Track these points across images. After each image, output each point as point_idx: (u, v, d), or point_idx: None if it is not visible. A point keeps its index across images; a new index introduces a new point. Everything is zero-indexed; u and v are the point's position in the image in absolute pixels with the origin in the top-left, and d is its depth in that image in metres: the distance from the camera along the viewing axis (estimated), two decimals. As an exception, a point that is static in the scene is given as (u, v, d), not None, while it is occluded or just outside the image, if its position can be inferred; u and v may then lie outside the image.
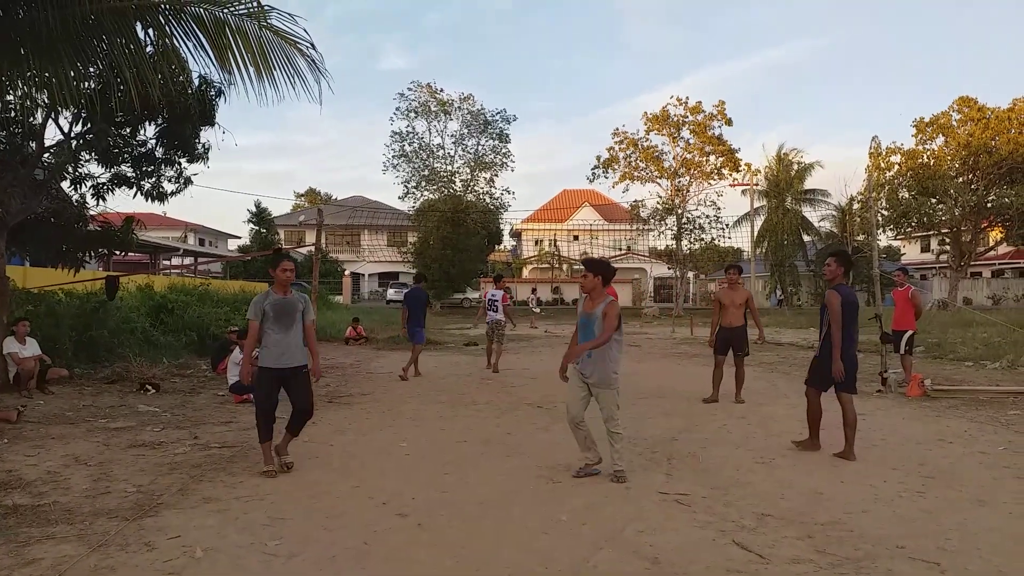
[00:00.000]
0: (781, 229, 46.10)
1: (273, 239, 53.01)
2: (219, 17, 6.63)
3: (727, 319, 9.86)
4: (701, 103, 41.48)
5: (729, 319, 9.84)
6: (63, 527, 4.62)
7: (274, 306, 6.07)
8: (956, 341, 16.80)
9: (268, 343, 6.06)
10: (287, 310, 6.11)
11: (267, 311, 6.07)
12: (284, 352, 6.04)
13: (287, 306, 6.12)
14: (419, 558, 4.20)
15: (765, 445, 7.18)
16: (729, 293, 9.90)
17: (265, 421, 6.10)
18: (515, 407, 9.59)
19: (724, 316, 9.88)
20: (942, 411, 9.10)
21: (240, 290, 23.42)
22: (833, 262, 7.01)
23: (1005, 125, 34.93)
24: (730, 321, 9.83)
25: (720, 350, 9.92)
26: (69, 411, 8.79)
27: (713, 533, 4.61)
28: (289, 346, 6.06)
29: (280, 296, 6.14)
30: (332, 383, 12.07)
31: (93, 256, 13.53)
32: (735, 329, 9.86)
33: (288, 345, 6.05)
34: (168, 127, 12.38)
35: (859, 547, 4.34)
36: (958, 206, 36.03)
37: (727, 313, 9.85)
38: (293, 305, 6.15)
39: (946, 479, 5.90)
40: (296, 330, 6.12)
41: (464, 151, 43.61)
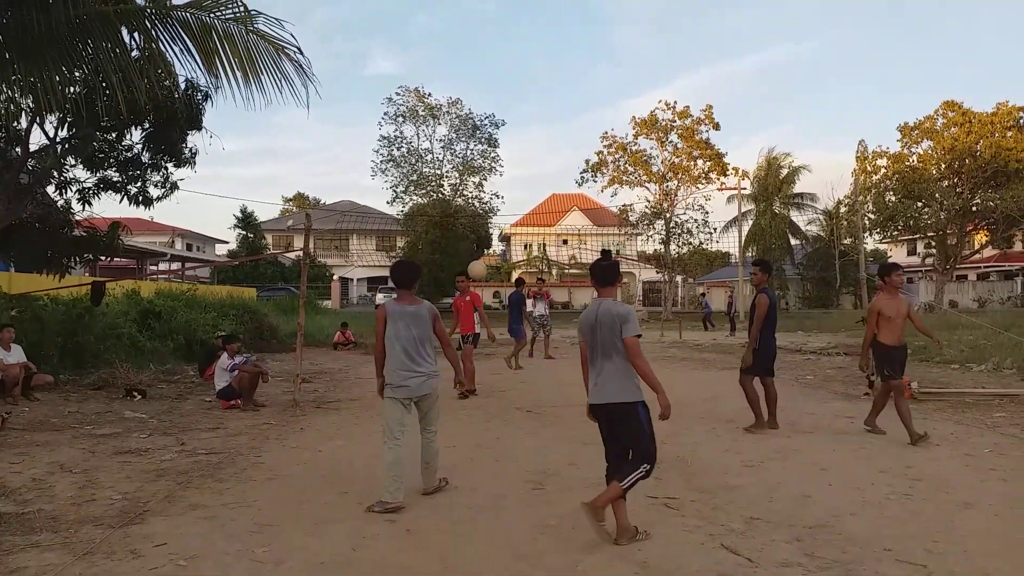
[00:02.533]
0: (769, 233, 46.37)
1: (260, 244, 52.84)
2: (206, 22, 6.62)
3: (892, 334, 7.76)
4: (689, 108, 41.73)
5: (896, 334, 7.78)
6: (48, 535, 4.57)
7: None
8: (943, 343, 16.89)
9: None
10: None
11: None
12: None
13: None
14: (408, 564, 4.18)
15: (753, 448, 7.20)
16: (892, 301, 7.86)
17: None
18: (504, 412, 9.59)
19: (888, 330, 7.76)
20: (929, 414, 9.16)
21: (228, 295, 23.31)
22: (758, 271, 8.59)
23: (989, 129, 35.27)
24: (898, 338, 7.80)
25: (900, 369, 7.83)
26: (54, 418, 8.71)
27: (702, 537, 4.61)
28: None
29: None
30: (320, 388, 12.03)
31: (79, 261, 13.43)
32: (904, 348, 7.96)
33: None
34: (155, 131, 12.34)
35: (847, 550, 4.35)
36: (943, 209, 36.34)
37: (892, 327, 7.76)
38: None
39: (933, 482, 5.93)
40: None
41: (453, 155, 43.68)
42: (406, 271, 5.68)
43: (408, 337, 5.40)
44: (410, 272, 5.69)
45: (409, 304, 5.53)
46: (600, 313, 4.62)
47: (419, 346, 5.44)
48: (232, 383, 9.69)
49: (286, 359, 15.99)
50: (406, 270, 5.69)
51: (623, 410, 4.56)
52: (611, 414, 4.61)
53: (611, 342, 4.55)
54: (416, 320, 5.47)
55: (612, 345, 4.55)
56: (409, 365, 5.38)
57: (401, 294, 5.62)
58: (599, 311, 4.63)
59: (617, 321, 4.53)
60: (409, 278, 5.64)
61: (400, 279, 5.64)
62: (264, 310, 21.90)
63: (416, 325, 5.45)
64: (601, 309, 4.63)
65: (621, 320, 4.53)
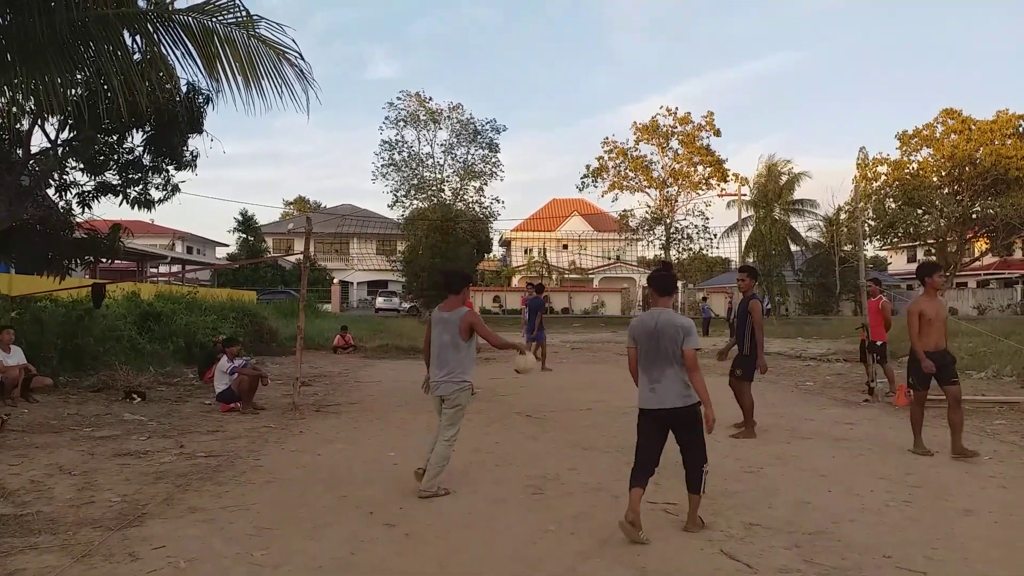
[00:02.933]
0: (769, 239, 46.39)
1: (261, 247, 52.85)
2: (207, 26, 6.63)
3: (930, 338, 7.26)
4: (690, 114, 41.92)
5: (934, 338, 7.26)
6: (46, 537, 4.57)
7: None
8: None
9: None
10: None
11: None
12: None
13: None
14: (406, 568, 4.18)
15: (753, 454, 7.19)
16: (932, 303, 7.36)
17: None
18: (504, 416, 9.58)
19: (925, 334, 7.27)
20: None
21: (228, 298, 23.31)
22: (746, 276, 8.72)
23: (988, 137, 35.37)
24: (937, 342, 7.26)
25: (926, 380, 7.32)
26: (54, 420, 8.70)
27: (701, 542, 4.61)
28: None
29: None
30: (320, 392, 12.02)
31: (79, 264, 13.43)
32: (945, 353, 7.35)
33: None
34: (156, 134, 12.35)
35: (846, 556, 4.35)
36: (943, 217, 36.43)
37: (930, 330, 7.26)
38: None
39: (933, 488, 5.93)
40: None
41: (453, 160, 43.67)
42: (451, 277, 6.03)
43: (438, 341, 5.79)
44: (455, 279, 5.99)
45: (447, 310, 5.83)
46: (661, 322, 4.82)
47: (444, 350, 5.74)
48: (232, 386, 9.69)
49: (286, 362, 15.99)
50: (451, 277, 6.05)
51: (690, 413, 4.79)
52: (675, 418, 4.81)
53: (672, 351, 4.75)
54: (446, 325, 5.77)
55: (674, 354, 4.76)
56: (435, 367, 5.81)
57: (449, 299, 5.91)
58: (659, 320, 4.83)
59: (680, 332, 4.76)
60: (455, 284, 5.93)
61: (448, 284, 5.99)
62: (264, 313, 21.89)
63: (446, 330, 5.75)
64: (662, 319, 4.84)
65: (684, 332, 4.76)
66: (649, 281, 5.19)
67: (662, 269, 5.31)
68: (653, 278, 5.14)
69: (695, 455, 4.84)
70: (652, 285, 5.12)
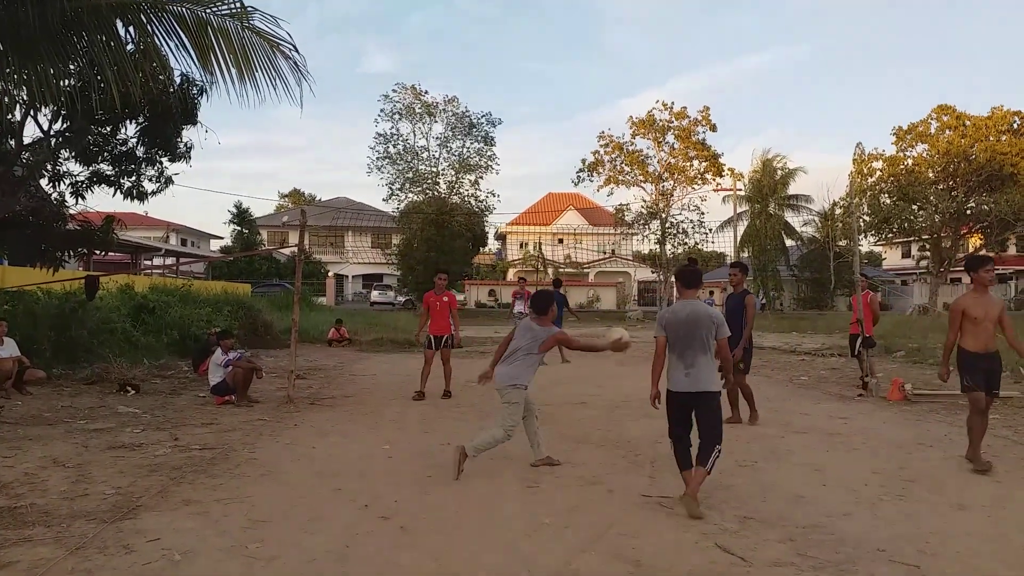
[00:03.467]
0: (764, 234, 46.41)
1: (255, 240, 52.72)
2: (201, 17, 6.60)
3: (978, 339, 6.40)
4: (686, 108, 41.66)
5: (982, 340, 6.39)
6: (40, 529, 4.55)
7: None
8: (936, 346, 16.94)
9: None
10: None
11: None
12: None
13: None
14: (401, 561, 4.17)
15: (747, 448, 7.20)
16: (981, 301, 6.46)
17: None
18: (499, 410, 9.55)
19: (972, 336, 6.42)
20: (922, 415, 9.19)
21: (222, 291, 23.25)
22: (737, 271, 8.96)
23: (983, 133, 35.38)
24: (985, 344, 6.39)
25: (982, 383, 6.39)
26: (47, 412, 8.68)
27: (695, 536, 4.62)
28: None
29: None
30: (315, 385, 12.00)
31: (73, 255, 13.37)
32: (994, 357, 6.49)
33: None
34: (149, 126, 12.28)
35: (840, 550, 4.36)
36: (938, 212, 36.46)
37: (978, 330, 6.39)
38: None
39: (926, 483, 5.95)
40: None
41: (449, 153, 43.55)
42: (541, 299, 6.48)
43: (517, 343, 6.22)
44: (544, 300, 6.44)
45: (537, 323, 6.27)
46: (695, 313, 5.30)
47: (517, 352, 6.16)
48: (226, 379, 9.67)
49: (280, 355, 15.97)
50: (541, 298, 6.49)
51: (714, 397, 5.30)
52: (702, 400, 5.27)
53: (706, 339, 5.25)
54: (534, 335, 6.19)
55: (706, 341, 5.25)
56: (503, 362, 6.26)
57: (540, 319, 6.31)
58: (693, 311, 5.31)
59: (714, 322, 5.29)
60: (545, 305, 6.37)
61: (535, 306, 6.43)
62: (259, 306, 21.83)
63: (523, 337, 6.20)
64: (695, 309, 5.33)
65: (718, 322, 5.32)
66: (677, 275, 5.68)
67: (689, 265, 6.05)
68: (681, 272, 5.67)
69: (712, 434, 5.22)
70: (680, 279, 5.60)
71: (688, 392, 5.27)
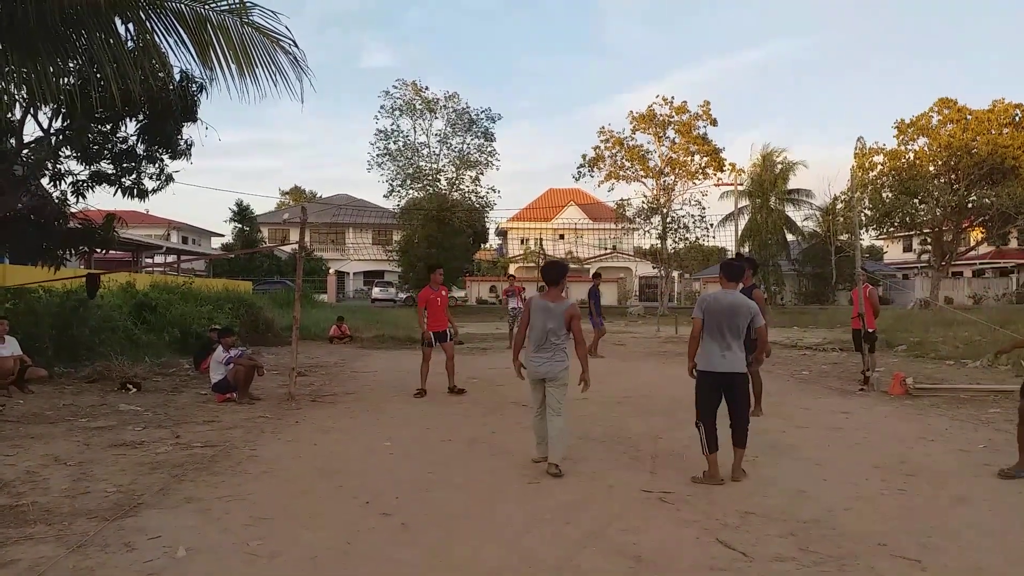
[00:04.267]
0: (765, 229, 46.37)
1: (256, 237, 52.71)
2: (200, 13, 6.59)
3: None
4: (686, 103, 41.63)
5: None
6: (41, 527, 4.56)
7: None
8: (937, 340, 16.97)
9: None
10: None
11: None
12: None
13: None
14: (402, 558, 4.18)
15: (749, 443, 7.17)
16: None
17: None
18: (500, 406, 9.58)
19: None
20: (923, 409, 9.18)
21: (223, 288, 23.25)
22: (747, 268, 8.70)
23: (985, 126, 35.30)
24: None
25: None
26: (49, 410, 8.69)
27: (696, 531, 4.62)
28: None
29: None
30: (316, 382, 12.01)
31: (74, 254, 13.39)
32: None
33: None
34: (149, 123, 12.28)
35: (841, 545, 4.36)
36: (939, 206, 36.39)
37: None
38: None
39: (927, 477, 5.94)
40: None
41: (449, 149, 43.51)
42: (552, 270, 6.43)
43: (539, 327, 6.15)
44: (555, 271, 6.38)
45: (550, 300, 6.20)
46: (734, 302, 5.80)
47: (546, 336, 6.12)
48: (228, 376, 9.68)
49: (282, 352, 15.98)
50: (553, 269, 6.44)
51: (745, 380, 5.90)
52: (733, 381, 5.79)
53: (743, 327, 5.77)
54: (544, 312, 6.15)
55: (742, 328, 5.77)
56: (537, 351, 6.18)
57: (549, 290, 6.29)
58: (732, 300, 5.83)
59: (752, 311, 5.84)
60: (556, 276, 6.33)
61: (548, 277, 6.36)
62: (260, 303, 21.84)
63: (542, 317, 6.15)
64: (735, 299, 5.84)
65: (754, 311, 5.86)
66: (722, 268, 6.21)
67: (734, 259, 6.53)
68: (726, 265, 6.21)
69: (743, 413, 5.85)
70: (724, 272, 6.12)
71: (724, 372, 5.74)
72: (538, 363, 6.14)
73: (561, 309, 6.12)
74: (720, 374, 5.76)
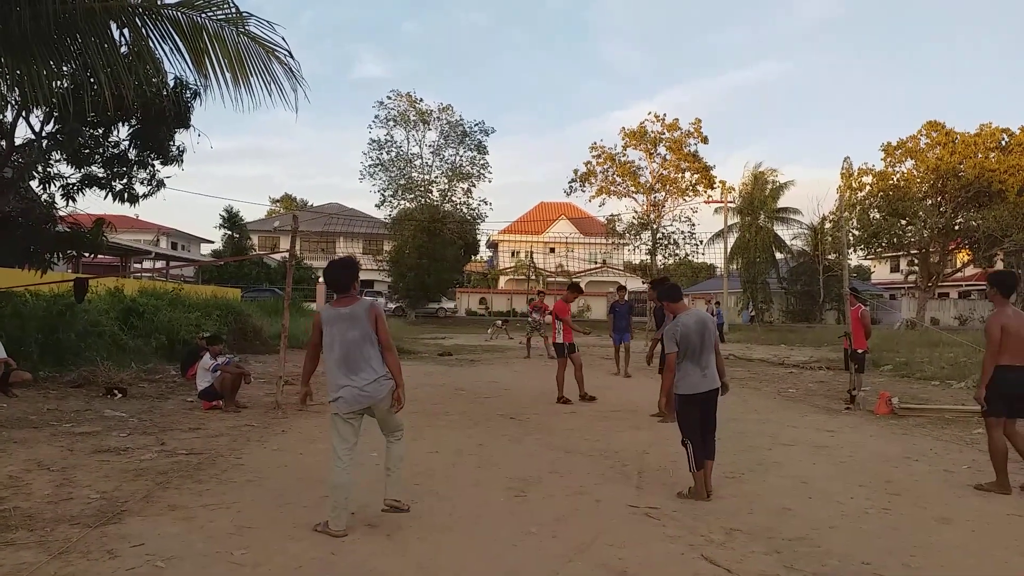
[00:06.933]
0: (754, 246, 46.60)
1: (246, 244, 52.53)
2: (196, 21, 6.60)
3: (1019, 354, 6.23)
4: (678, 120, 42.00)
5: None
6: (23, 533, 4.52)
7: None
8: (923, 360, 17.06)
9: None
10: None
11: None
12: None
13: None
14: (386, 570, 4.16)
15: (734, 460, 7.21)
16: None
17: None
18: (488, 418, 9.57)
19: (1013, 351, 6.26)
20: (909, 429, 9.23)
21: (212, 295, 23.14)
22: (653, 291, 9.41)
23: (972, 150, 35.73)
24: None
25: (1005, 406, 6.32)
26: (33, 415, 8.62)
27: (682, 547, 4.62)
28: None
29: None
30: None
31: (62, 258, 13.29)
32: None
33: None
34: (142, 128, 12.25)
35: (826, 563, 4.38)
36: (927, 228, 36.75)
37: (1016, 345, 6.23)
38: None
39: (912, 497, 5.97)
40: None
41: (442, 161, 43.63)
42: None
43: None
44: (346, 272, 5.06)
45: (344, 306, 4.92)
46: (700, 318, 5.95)
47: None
48: (214, 384, 9.63)
49: (269, 361, 15.90)
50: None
51: (718, 392, 5.96)
52: (712, 396, 5.91)
53: (711, 339, 5.90)
54: (353, 321, 4.87)
55: (711, 341, 5.90)
56: (345, 374, 4.87)
57: (339, 297, 5.03)
58: (698, 317, 5.97)
59: (715, 327, 6.07)
60: (346, 279, 5.02)
61: (334, 281, 5.05)
62: (248, 311, 21.73)
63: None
64: (699, 315, 6.01)
65: (715, 326, 6.08)
66: (665, 294, 6.35)
67: (665, 280, 6.88)
68: (669, 290, 6.38)
69: (714, 426, 5.96)
70: (669, 296, 6.28)
71: (707, 391, 5.85)
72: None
73: (361, 310, 4.90)
74: (704, 393, 5.85)
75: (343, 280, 4.99)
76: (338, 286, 5.01)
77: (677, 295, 6.33)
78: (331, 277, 5.02)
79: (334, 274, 5.02)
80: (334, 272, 5.02)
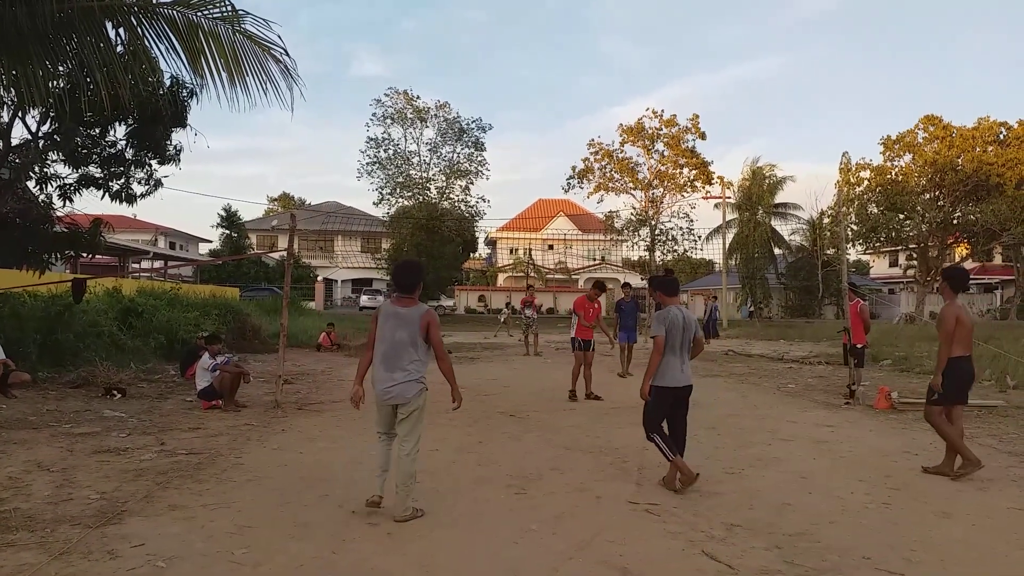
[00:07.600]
0: (752, 242, 46.60)
1: (244, 244, 52.50)
2: (192, 20, 6.57)
3: (968, 345, 6.59)
4: (676, 116, 41.89)
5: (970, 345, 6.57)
6: (24, 534, 4.51)
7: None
8: (923, 355, 17.07)
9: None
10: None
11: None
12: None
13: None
14: (387, 568, 4.16)
15: (734, 456, 7.23)
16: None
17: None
18: (488, 416, 9.57)
19: (963, 342, 6.56)
20: (908, 423, 9.23)
21: (210, 295, 23.12)
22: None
23: (970, 144, 35.70)
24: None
25: (961, 395, 6.66)
26: (32, 415, 8.61)
27: (682, 543, 4.63)
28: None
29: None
30: (303, 390, 11.96)
31: (59, 258, 13.28)
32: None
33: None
34: (139, 128, 12.24)
35: (826, 558, 4.38)
36: (925, 222, 36.75)
37: (966, 336, 6.57)
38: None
39: (911, 491, 5.98)
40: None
41: (439, 158, 43.61)
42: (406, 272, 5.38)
43: (391, 340, 5.13)
44: (412, 273, 5.34)
45: (403, 306, 5.15)
46: (687, 317, 5.97)
47: (399, 349, 5.13)
48: (213, 383, 9.62)
49: (268, 360, 15.91)
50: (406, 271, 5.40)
51: (690, 392, 6.05)
52: (686, 393, 5.99)
53: (691, 339, 5.99)
54: (401, 321, 5.10)
55: (690, 341, 5.98)
56: (385, 370, 5.15)
57: (400, 296, 5.27)
58: (685, 315, 5.98)
59: (695, 323, 6.04)
60: (410, 281, 5.28)
61: (398, 281, 5.32)
62: (247, 310, 21.74)
63: (401, 327, 5.13)
64: (687, 314, 6.01)
65: (697, 324, 6.06)
66: (660, 285, 6.34)
67: (668, 275, 6.58)
68: (664, 282, 6.36)
69: (685, 423, 6.08)
70: (664, 288, 6.26)
71: (683, 386, 5.93)
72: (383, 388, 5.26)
73: (416, 315, 5.12)
74: (680, 388, 5.93)
75: (406, 282, 5.31)
76: (401, 286, 5.33)
77: (674, 290, 6.32)
78: (397, 277, 5.44)
79: (399, 274, 5.40)
80: (399, 273, 5.42)
